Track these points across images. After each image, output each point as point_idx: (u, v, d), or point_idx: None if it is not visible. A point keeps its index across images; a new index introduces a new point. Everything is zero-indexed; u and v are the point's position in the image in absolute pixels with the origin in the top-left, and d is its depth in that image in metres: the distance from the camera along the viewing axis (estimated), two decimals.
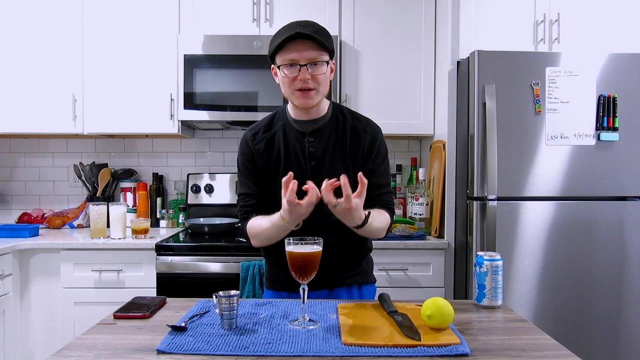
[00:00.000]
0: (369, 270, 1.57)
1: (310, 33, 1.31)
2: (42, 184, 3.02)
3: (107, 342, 1.07)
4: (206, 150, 3.04)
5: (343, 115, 1.48)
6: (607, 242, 2.23)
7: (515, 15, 2.41)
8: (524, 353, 1.01)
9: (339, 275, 1.48)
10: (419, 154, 3.02)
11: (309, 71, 1.33)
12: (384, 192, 1.47)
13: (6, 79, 2.63)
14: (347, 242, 1.46)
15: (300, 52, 1.32)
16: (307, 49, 1.32)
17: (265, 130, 1.48)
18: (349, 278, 1.50)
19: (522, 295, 2.21)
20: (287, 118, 1.47)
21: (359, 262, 1.53)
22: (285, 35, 1.31)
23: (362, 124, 1.48)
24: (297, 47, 1.31)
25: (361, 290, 1.53)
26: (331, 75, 1.42)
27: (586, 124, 2.22)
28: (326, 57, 1.36)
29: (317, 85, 1.35)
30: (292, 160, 1.43)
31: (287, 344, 1.03)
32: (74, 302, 2.33)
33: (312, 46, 1.32)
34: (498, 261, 1.33)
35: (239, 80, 2.56)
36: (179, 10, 2.62)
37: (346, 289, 1.50)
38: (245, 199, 1.48)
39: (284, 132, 1.46)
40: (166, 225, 2.83)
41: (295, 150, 1.44)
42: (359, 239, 1.48)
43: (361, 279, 1.53)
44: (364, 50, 2.65)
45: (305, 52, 1.32)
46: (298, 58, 1.32)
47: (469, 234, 2.29)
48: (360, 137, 1.45)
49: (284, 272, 1.32)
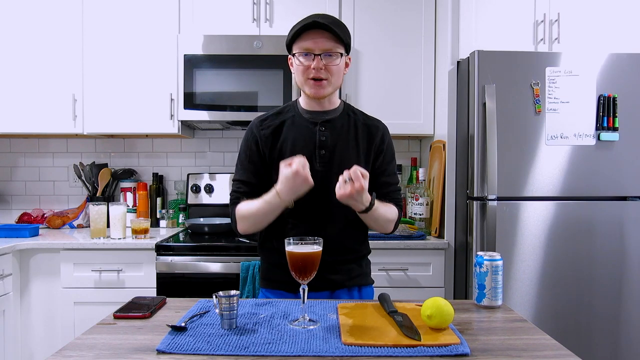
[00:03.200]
0: (368, 272, 1.58)
1: (327, 23, 1.33)
2: (42, 184, 3.02)
3: (107, 342, 1.07)
4: (206, 150, 3.04)
5: (354, 112, 1.52)
6: (607, 242, 2.23)
7: (515, 15, 2.41)
8: (524, 353, 1.01)
9: (340, 276, 1.48)
10: (419, 154, 3.02)
11: (323, 61, 1.36)
12: (393, 190, 1.50)
13: (6, 79, 2.63)
14: (347, 236, 1.48)
15: (315, 41, 1.35)
16: (322, 39, 1.35)
17: (274, 118, 1.49)
18: (350, 280, 1.50)
19: (522, 295, 2.21)
20: (297, 109, 1.50)
21: (359, 264, 1.54)
22: (303, 24, 1.34)
23: (374, 121, 1.52)
24: (313, 37, 1.35)
25: (361, 292, 1.54)
26: (346, 69, 1.46)
27: (586, 124, 2.22)
28: (341, 49, 1.39)
29: (330, 76, 1.38)
30: (300, 149, 1.42)
31: (287, 344, 1.03)
32: (74, 302, 2.33)
33: (327, 37, 1.35)
34: (498, 261, 1.33)
35: (239, 80, 2.56)
36: (179, 10, 2.62)
37: (347, 291, 1.51)
38: (238, 185, 1.49)
39: (293, 121, 1.48)
40: (166, 225, 2.83)
41: (304, 138, 1.45)
42: (358, 235, 1.50)
43: (361, 281, 1.54)
44: (364, 50, 2.65)
45: (321, 42, 1.35)
46: (313, 47, 1.35)
47: (469, 234, 2.29)
48: (372, 132, 1.48)
49: (282, 272, 1.32)
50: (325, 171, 1.41)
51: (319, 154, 1.43)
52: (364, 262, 1.56)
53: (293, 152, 1.40)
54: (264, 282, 1.57)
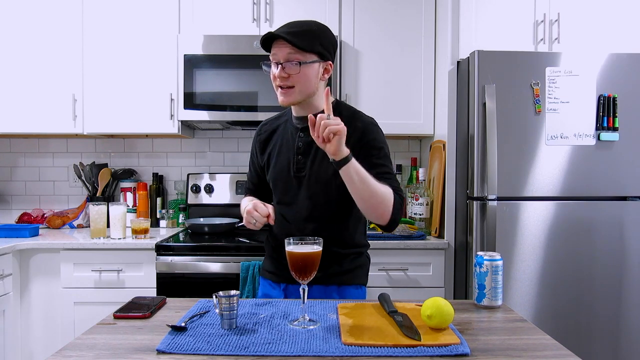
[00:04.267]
0: (352, 272, 1.55)
1: (283, 34, 1.36)
2: (42, 184, 3.02)
3: (107, 342, 1.07)
4: (206, 150, 3.04)
5: (340, 113, 1.44)
6: (607, 242, 2.23)
7: (515, 15, 2.41)
8: (524, 353, 1.01)
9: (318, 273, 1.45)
10: (419, 154, 3.02)
11: (285, 70, 1.38)
12: (383, 171, 1.41)
13: (6, 79, 2.63)
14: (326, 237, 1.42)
15: (278, 50, 1.39)
16: (285, 48, 1.38)
17: (272, 123, 1.61)
18: (328, 278, 1.48)
19: (522, 295, 2.21)
20: (290, 115, 1.55)
21: (340, 263, 1.51)
22: (263, 37, 1.39)
23: (354, 120, 1.46)
24: (277, 46, 1.39)
25: (341, 291, 1.52)
26: (325, 75, 1.45)
27: (586, 124, 2.22)
28: (309, 57, 1.39)
29: (296, 83, 1.39)
30: (282, 154, 1.52)
31: (287, 344, 1.03)
32: (74, 302, 2.33)
33: (287, 46, 1.37)
34: (498, 261, 1.33)
35: (239, 80, 2.56)
36: (179, 10, 2.62)
37: (323, 288, 1.49)
38: (247, 184, 1.73)
39: (285, 127, 1.56)
40: (166, 225, 2.83)
41: (288, 144, 1.52)
42: (338, 236, 1.49)
43: (340, 280, 1.52)
44: (364, 50, 2.65)
45: (281, 52, 1.38)
46: (277, 57, 1.39)
47: (469, 234, 2.29)
48: (350, 133, 1.36)
49: (271, 263, 1.55)
50: (300, 177, 1.48)
51: (296, 160, 1.49)
52: (346, 261, 1.52)
53: (278, 158, 1.53)
54: (265, 272, 1.65)
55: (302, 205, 1.48)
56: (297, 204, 1.48)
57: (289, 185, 1.48)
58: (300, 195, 1.47)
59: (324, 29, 1.44)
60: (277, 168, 1.53)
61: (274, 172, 1.53)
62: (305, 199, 1.47)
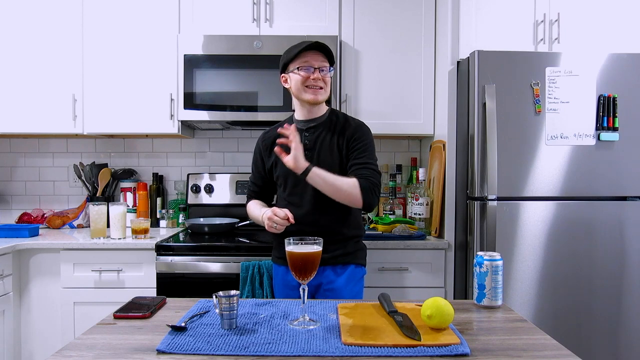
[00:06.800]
0: (364, 255, 1.88)
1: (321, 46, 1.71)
2: (42, 184, 3.02)
3: (107, 342, 1.07)
4: (206, 150, 3.04)
5: (337, 117, 1.83)
6: (607, 242, 2.23)
7: (515, 15, 2.41)
8: (524, 353, 1.01)
9: (350, 252, 1.80)
10: (419, 154, 3.02)
11: (320, 74, 1.72)
12: (359, 167, 1.72)
13: (6, 79, 2.63)
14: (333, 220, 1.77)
15: (314, 58, 1.72)
16: (319, 56, 1.72)
17: (274, 131, 1.84)
18: (359, 259, 1.83)
19: (522, 295, 2.21)
20: (292, 121, 1.83)
21: (359, 247, 1.85)
22: (303, 46, 1.69)
23: (349, 121, 1.82)
24: (311, 55, 1.71)
25: (360, 269, 1.84)
26: None
27: (586, 124, 2.22)
28: (330, 67, 1.77)
29: (325, 85, 1.75)
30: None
31: (287, 344, 1.03)
32: (74, 302, 2.33)
33: (322, 55, 1.73)
34: (498, 261, 1.33)
35: (239, 80, 2.56)
36: (179, 10, 2.62)
37: (353, 267, 1.80)
38: (250, 186, 1.96)
39: None
40: (166, 225, 2.83)
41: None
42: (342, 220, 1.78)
43: (361, 261, 1.85)
44: (364, 51, 2.65)
45: (318, 59, 1.73)
46: (313, 62, 1.71)
47: (469, 234, 2.29)
48: (345, 130, 1.79)
49: (278, 250, 1.79)
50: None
51: (304, 155, 1.71)
52: (350, 243, 1.81)
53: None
54: (277, 259, 1.88)
55: (311, 193, 1.72)
56: (307, 193, 1.74)
57: (299, 177, 1.67)
58: (309, 185, 1.68)
59: None
60: None
61: (283, 168, 1.71)
62: (314, 187, 1.69)
